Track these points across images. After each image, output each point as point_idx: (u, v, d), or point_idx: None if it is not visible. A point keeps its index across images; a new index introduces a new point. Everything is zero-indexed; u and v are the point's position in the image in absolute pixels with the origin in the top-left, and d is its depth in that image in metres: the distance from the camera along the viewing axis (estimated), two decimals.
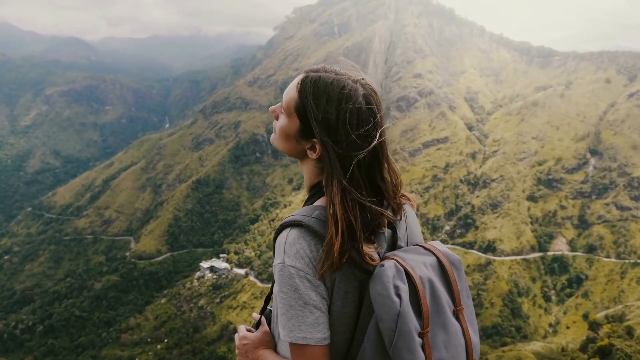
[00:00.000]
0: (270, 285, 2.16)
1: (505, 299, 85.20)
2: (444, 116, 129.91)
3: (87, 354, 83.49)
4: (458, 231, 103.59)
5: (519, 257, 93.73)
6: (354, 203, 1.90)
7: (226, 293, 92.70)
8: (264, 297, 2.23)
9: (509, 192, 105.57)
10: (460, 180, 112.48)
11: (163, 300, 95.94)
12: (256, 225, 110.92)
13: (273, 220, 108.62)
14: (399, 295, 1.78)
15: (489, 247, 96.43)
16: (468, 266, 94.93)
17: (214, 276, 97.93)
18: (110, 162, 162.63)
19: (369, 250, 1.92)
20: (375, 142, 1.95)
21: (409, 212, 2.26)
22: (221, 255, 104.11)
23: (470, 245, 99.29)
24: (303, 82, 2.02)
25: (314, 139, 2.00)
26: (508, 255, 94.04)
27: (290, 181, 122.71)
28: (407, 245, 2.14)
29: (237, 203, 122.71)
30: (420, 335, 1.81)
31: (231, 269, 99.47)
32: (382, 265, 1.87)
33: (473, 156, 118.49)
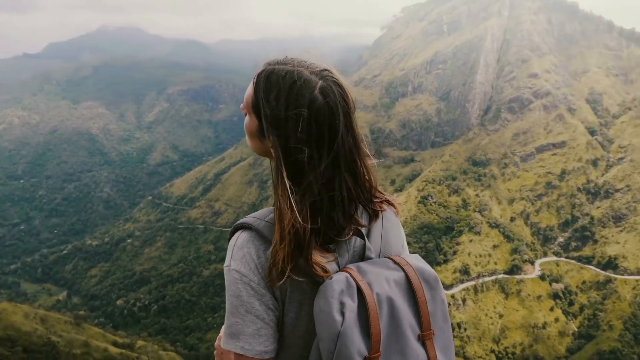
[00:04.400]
0: None
1: (627, 323, 77.08)
2: (562, 119, 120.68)
3: (194, 335, 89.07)
4: (573, 244, 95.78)
5: None
6: (304, 206, 1.72)
7: None
8: None
9: (635, 204, 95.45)
10: (578, 189, 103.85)
11: None
12: None
13: None
14: (342, 314, 1.59)
15: (610, 264, 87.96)
16: (584, 282, 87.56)
17: None
18: (221, 157, 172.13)
19: (322, 259, 1.74)
20: (334, 137, 1.75)
21: (389, 219, 2.02)
22: None
23: (587, 260, 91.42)
24: (258, 77, 1.84)
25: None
26: (632, 274, 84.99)
27: (392, 182, 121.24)
28: (380, 256, 1.91)
29: None
30: None
31: None
32: (330, 278, 1.69)
33: (594, 163, 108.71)
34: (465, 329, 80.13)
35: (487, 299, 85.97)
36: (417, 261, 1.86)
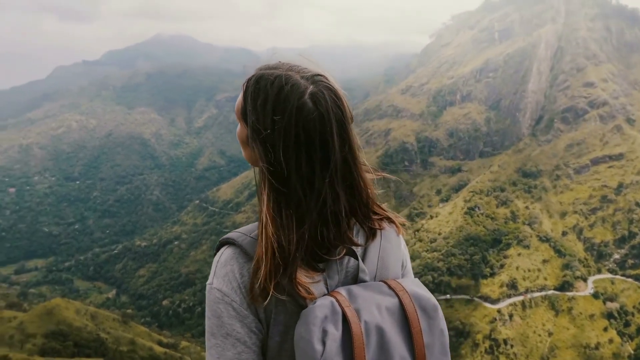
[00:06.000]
0: None
1: None
2: (620, 130, 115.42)
3: None
4: (630, 261, 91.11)
5: None
6: (290, 220, 1.57)
7: None
8: None
9: None
10: (637, 203, 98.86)
11: None
12: None
13: (418, 230, 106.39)
14: (324, 342, 1.44)
15: None
16: None
17: None
18: None
19: (307, 279, 1.57)
20: (325, 147, 1.59)
21: (389, 238, 1.81)
22: None
23: None
24: (247, 83, 1.71)
25: None
26: None
27: (439, 192, 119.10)
28: (375, 279, 1.71)
29: None
30: None
31: None
32: (314, 303, 1.52)
33: None
34: (511, 346, 77.47)
35: (536, 315, 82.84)
36: (415, 287, 1.65)
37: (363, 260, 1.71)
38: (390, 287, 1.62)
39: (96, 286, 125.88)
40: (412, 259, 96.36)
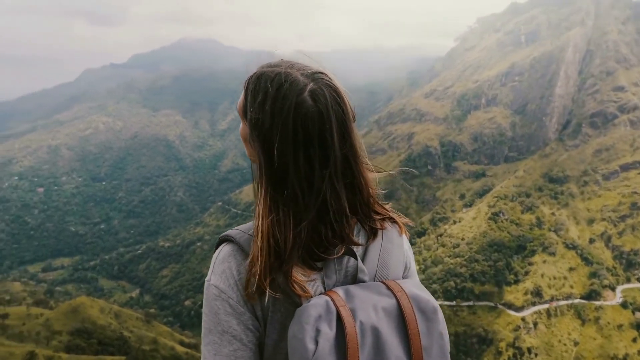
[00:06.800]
0: None
1: None
2: None
3: None
4: None
5: None
6: (286, 218, 1.55)
7: None
8: None
9: None
10: None
11: None
12: (422, 239, 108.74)
13: (441, 235, 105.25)
14: (316, 342, 1.41)
15: None
16: None
17: None
18: None
19: (303, 278, 1.54)
20: (324, 144, 1.56)
21: (391, 239, 1.76)
22: None
23: None
24: (248, 81, 1.71)
25: None
26: None
27: (462, 197, 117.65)
28: (375, 280, 1.65)
29: (405, 215, 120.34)
30: None
31: None
32: (309, 301, 1.49)
33: None
34: (535, 354, 75.96)
35: (561, 324, 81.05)
36: (414, 288, 1.60)
37: (363, 260, 1.67)
38: (388, 287, 1.58)
39: (120, 285, 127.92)
40: (434, 264, 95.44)
